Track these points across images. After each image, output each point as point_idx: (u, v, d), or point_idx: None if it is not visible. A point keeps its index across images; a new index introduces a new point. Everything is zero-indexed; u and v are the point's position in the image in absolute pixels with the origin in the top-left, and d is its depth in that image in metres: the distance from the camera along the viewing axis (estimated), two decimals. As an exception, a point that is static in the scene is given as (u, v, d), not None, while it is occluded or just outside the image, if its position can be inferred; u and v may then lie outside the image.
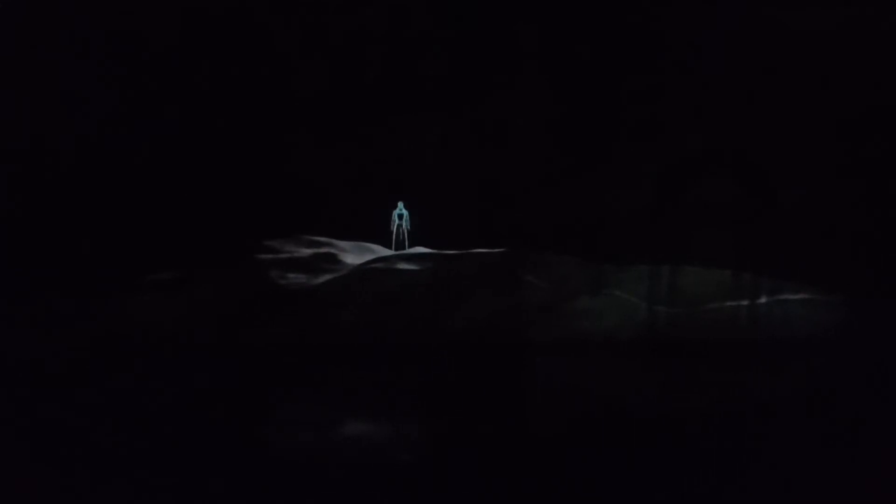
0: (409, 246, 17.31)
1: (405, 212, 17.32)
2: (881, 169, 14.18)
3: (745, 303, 14.13)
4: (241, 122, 16.57)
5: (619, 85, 15.72)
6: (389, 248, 17.38)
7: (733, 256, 14.39)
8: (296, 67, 17.06)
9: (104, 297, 15.01)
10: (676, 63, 15.17)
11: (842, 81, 14.32)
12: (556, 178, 16.46)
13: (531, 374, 12.77)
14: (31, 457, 8.17)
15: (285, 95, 16.94)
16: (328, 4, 17.40)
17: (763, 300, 14.17)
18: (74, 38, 15.43)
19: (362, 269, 15.72)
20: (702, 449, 8.46)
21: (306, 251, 16.51)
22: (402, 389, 11.47)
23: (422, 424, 9.70)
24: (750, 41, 14.64)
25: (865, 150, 14.27)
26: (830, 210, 14.24)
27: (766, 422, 9.38)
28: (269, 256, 16.10)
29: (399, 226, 17.38)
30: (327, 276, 15.69)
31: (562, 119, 16.44)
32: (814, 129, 14.25)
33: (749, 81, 14.90)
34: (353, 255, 16.65)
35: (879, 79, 14.16)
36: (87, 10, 15.47)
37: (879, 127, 14.20)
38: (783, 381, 11.50)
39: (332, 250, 16.68)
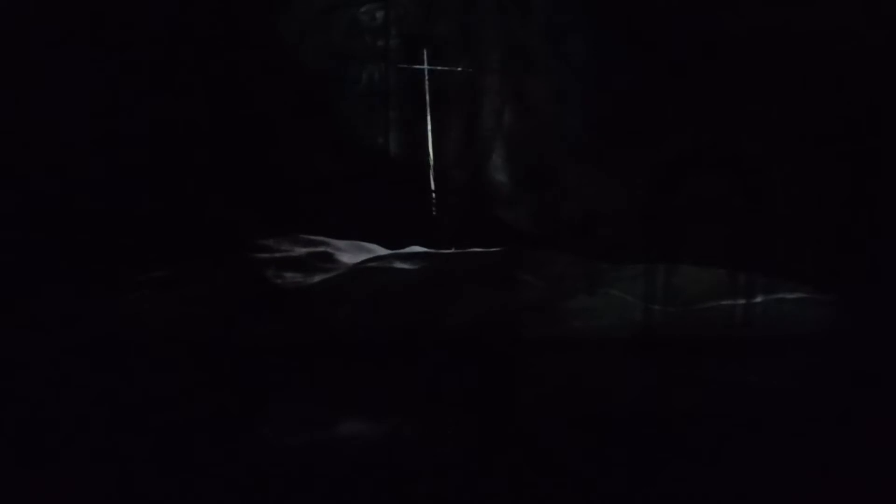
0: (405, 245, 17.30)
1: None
2: (879, 168, 14.23)
3: (741, 301, 14.14)
4: (238, 118, 16.55)
5: (615, 82, 15.76)
6: (386, 246, 17.38)
7: (729, 255, 14.43)
8: (293, 61, 17.04)
9: (97, 296, 14.98)
10: (672, 61, 15.20)
11: (837, 80, 14.36)
12: (553, 176, 16.49)
13: (527, 372, 12.78)
14: (29, 457, 8.16)
15: (284, 91, 16.93)
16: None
17: (759, 299, 14.18)
18: (63, 30, 15.32)
19: (358, 268, 15.69)
20: (698, 448, 8.48)
21: (302, 250, 16.43)
22: (399, 388, 11.47)
23: (418, 423, 9.70)
24: (745, 39, 14.67)
25: (863, 148, 14.32)
26: (827, 209, 14.29)
27: (762, 420, 9.40)
28: (265, 255, 16.05)
29: (395, 225, 17.38)
30: (323, 275, 15.65)
31: (559, 116, 16.48)
32: (811, 128, 14.30)
33: (742, 79, 14.94)
34: (350, 253, 16.57)
35: (875, 79, 14.21)
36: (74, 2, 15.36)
37: (878, 126, 14.25)
38: (779, 380, 11.53)
39: (328, 249, 16.60)
